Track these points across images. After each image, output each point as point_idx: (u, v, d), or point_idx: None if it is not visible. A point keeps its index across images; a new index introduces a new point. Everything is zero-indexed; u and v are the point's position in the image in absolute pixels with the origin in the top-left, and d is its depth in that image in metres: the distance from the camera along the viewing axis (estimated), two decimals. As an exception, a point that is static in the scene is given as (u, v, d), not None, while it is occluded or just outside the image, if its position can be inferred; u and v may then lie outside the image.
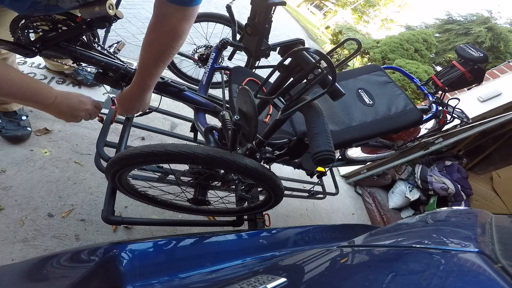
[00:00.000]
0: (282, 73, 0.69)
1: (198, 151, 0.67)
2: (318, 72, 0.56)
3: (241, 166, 0.70)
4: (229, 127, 0.77)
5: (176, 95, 1.00)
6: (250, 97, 0.60)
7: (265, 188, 0.85)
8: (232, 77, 1.08)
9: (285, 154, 0.79)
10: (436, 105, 1.28)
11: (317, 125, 0.58)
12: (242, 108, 0.65)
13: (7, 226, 1.04)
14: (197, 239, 0.69)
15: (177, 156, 0.67)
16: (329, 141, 0.55)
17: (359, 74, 1.28)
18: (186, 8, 0.67)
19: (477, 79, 1.26)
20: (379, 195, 2.63)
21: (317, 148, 0.54)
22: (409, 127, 1.12)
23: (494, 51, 6.17)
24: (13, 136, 1.21)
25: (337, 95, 0.60)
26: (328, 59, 0.53)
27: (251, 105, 0.60)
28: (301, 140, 0.70)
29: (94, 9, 0.72)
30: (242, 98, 0.65)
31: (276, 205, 0.97)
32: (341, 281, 0.49)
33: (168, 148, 0.67)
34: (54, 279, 0.60)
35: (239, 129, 0.66)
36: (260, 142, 0.76)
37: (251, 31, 0.78)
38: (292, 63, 0.66)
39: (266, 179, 0.77)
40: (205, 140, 0.89)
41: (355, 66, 5.08)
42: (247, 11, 0.88)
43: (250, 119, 0.62)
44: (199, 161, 0.68)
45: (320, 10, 25.10)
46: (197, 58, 1.36)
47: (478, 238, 0.53)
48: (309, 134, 0.58)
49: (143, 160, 0.70)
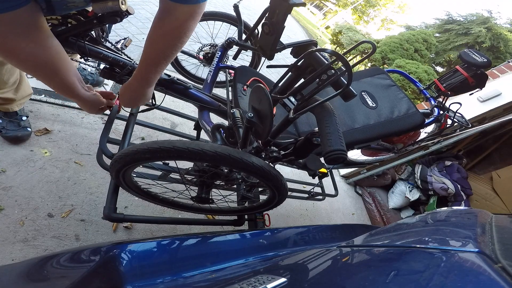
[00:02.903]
0: (294, 73, 0.69)
1: (206, 148, 0.66)
2: (331, 73, 0.57)
3: (249, 164, 0.69)
4: (240, 124, 0.77)
5: (182, 93, 1.00)
6: (266, 94, 0.60)
7: (270, 187, 0.85)
8: (237, 76, 1.09)
9: (291, 154, 0.79)
10: (438, 109, 1.29)
11: (330, 124, 0.58)
12: (256, 106, 0.65)
13: (7, 226, 1.04)
14: (197, 239, 0.69)
15: (185, 152, 0.66)
16: (341, 140, 0.56)
17: (363, 77, 1.28)
18: (192, 5, 0.65)
19: (480, 84, 1.26)
20: (379, 195, 2.63)
21: (329, 147, 0.54)
22: (411, 130, 1.13)
23: (494, 51, 6.18)
24: (13, 137, 1.21)
25: (349, 96, 0.61)
26: (344, 59, 0.54)
27: (267, 103, 0.60)
28: (309, 140, 0.70)
29: (107, 4, 0.71)
30: (256, 96, 0.65)
31: (279, 204, 0.97)
32: (341, 281, 0.49)
33: (176, 144, 0.66)
34: (54, 279, 0.60)
35: (252, 126, 0.66)
36: (267, 141, 0.76)
37: (269, 30, 0.79)
38: (304, 64, 0.67)
39: (272, 177, 0.76)
40: (212, 138, 0.89)
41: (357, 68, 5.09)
42: (247, 11, 0.88)
43: (265, 116, 0.62)
44: (206, 158, 0.67)
45: (320, 10, 25.12)
46: (202, 57, 1.36)
47: (478, 238, 0.53)
48: (321, 134, 0.58)
49: (150, 156, 0.69)
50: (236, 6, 1.16)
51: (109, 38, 0.98)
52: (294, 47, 0.84)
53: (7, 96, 1.14)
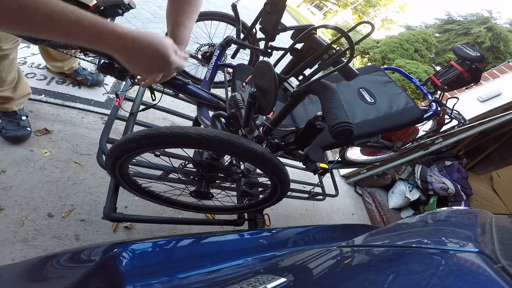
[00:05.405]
0: (295, 56, 0.69)
1: (204, 133, 0.65)
2: (332, 52, 0.57)
3: (249, 150, 0.68)
4: (241, 105, 0.77)
5: (180, 89, 0.99)
6: (270, 69, 0.60)
7: (271, 176, 0.83)
8: (235, 73, 1.09)
9: (293, 143, 0.78)
10: (436, 104, 1.29)
11: (333, 100, 0.58)
12: (258, 82, 0.65)
13: (7, 226, 1.04)
14: (197, 239, 0.69)
15: (183, 138, 0.65)
16: (346, 114, 0.55)
17: (360, 74, 1.28)
18: None
19: (475, 79, 1.27)
20: (379, 195, 2.63)
21: (335, 120, 0.54)
22: (410, 124, 1.13)
23: (494, 51, 6.18)
24: (13, 136, 1.21)
25: (351, 75, 0.61)
26: (347, 34, 0.54)
27: (272, 76, 0.60)
28: (312, 125, 0.68)
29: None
30: (259, 72, 0.65)
31: (283, 197, 0.94)
32: (341, 281, 0.49)
33: (174, 130, 0.65)
34: (54, 279, 0.60)
35: (255, 101, 0.65)
36: (268, 130, 0.75)
37: (271, 9, 0.80)
38: (305, 47, 0.67)
39: (273, 165, 0.75)
40: (212, 127, 0.89)
41: (355, 66, 5.08)
42: (247, 11, 0.88)
43: (269, 91, 0.62)
44: (205, 143, 0.66)
45: (320, 10, 25.12)
46: (200, 57, 1.36)
47: (478, 238, 0.53)
48: (325, 109, 0.58)
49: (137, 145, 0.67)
50: (234, 6, 1.16)
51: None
52: (295, 31, 0.85)
53: (5, 94, 1.14)
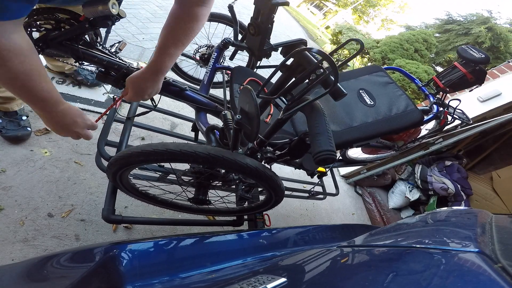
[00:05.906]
0: (284, 73, 0.69)
1: (199, 150, 0.67)
2: (320, 72, 0.57)
3: (242, 166, 0.70)
4: (231, 126, 0.77)
5: (178, 95, 1.00)
6: (252, 96, 0.61)
7: (266, 188, 0.85)
8: (233, 76, 1.08)
9: (286, 154, 0.79)
10: (437, 106, 1.28)
11: (319, 125, 0.58)
12: (244, 107, 0.65)
13: (7, 226, 1.04)
14: (197, 239, 0.69)
15: (178, 155, 0.67)
16: (330, 141, 0.55)
17: (360, 75, 1.27)
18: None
19: (479, 80, 1.25)
20: (379, 195, 2.63)
21: (318, 148, 0.54)
22: (410, 127, 1.12)
23: (494, 51, 6.18)
24: (13, 136, 1.21)
25: (339, 95, 0.60)
26: (330, 59, 0.53)
27: (253, 105, 0.60)
28: (302, 140, 0.71)
29: (97, 8, 0.72)
30: (244, 98, 0.65)
31: (277, 205, 0.97)
32: (341, 281, 0.49)
33: (169, 147, 0.67)
34: (54, 279, 0.60)
35: (241, 128, 0.66)
36: (261, 142, 0.76)
37: (254, 31, 0.78)
38: (294, 63, 0.66)
39: (267, 178, 0.77)
40: (207, 140, 0.89)
41: (355, 66, 5.09)
42: (247, 11, 0.88)
43: (252, 118, 0.62)
44: (200, 160, 0.68)
45: (320, 10, 25.11)
46: (199, 58, 1.36)
47: (478, 238, 0.53)
48: (311, 134, 0.58)
49: (144, 159, 0.70)
50: (230, 7, 1.15)
51: (109, 38, 0.98)
52: (283, 47, 0.85)
53: (6, 94, 1.14)
